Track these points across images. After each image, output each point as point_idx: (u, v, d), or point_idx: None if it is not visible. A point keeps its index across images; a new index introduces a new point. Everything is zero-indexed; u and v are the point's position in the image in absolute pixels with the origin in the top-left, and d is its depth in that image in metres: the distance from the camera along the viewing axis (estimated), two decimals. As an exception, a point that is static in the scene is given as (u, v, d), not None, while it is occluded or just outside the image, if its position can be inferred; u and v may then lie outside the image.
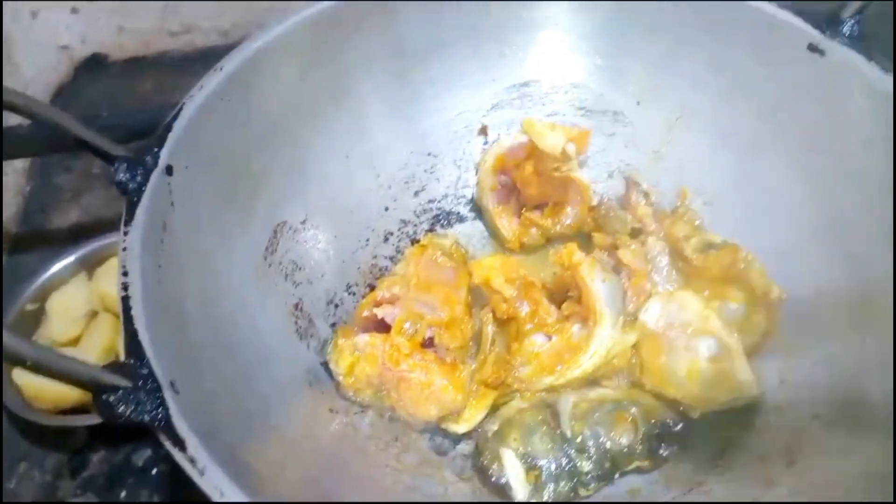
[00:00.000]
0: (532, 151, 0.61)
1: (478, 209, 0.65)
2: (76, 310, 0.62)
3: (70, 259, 0.64)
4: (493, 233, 0.64)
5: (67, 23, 0.89)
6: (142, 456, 0.58)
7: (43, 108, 0.45)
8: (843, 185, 0.53)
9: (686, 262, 0.57)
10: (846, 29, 0.53)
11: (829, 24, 0.53)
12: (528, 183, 0.62)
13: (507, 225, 0.63)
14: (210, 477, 0.35)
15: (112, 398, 0.36)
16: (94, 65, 0.93)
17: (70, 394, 0.56)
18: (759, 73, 0.57)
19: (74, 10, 0.88)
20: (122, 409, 0.36)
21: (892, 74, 0.50)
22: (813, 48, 0.53)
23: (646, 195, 0.60)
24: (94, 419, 0.56)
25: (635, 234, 0.59)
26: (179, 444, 0.36)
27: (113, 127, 0.69)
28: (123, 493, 0.56)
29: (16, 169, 0.77)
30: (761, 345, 0.54)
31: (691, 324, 0.54)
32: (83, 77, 0.91)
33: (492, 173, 0.63)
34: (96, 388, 0.36)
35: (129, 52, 0.94)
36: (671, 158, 0.62)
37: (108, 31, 0.91)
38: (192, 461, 0.36)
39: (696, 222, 0.60)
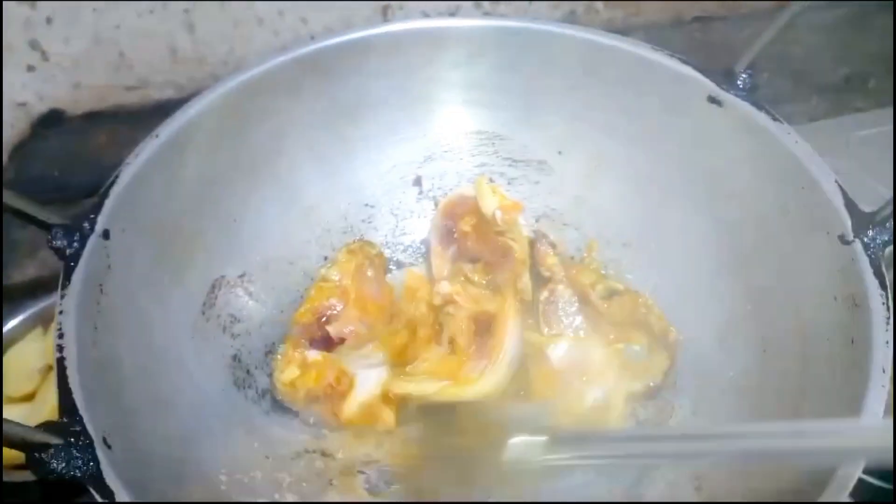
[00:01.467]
0: (476, 208, 0.64)
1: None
2: (31, 365, 0.63)
3: (25, 315, 0.66)
4: (427, 268, 0.67)
5: (24, 81, 0.91)
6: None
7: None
8: (742, 225, 0.57)
9: (592, 307, 0.61)
10: (740, 82, 0.57)
11: (725, 77, 0.57)
12: (466, 235, 0.64)
13: (439, 266, 0.65)
14: (134, 524, 0.38)
15: (45, 455, 0.39)
16: (51, 120, 0.95)
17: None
18: (667, 121, 0.61)
19: (31, 69, 0.91)
20: (53, 465, 0.39)
21: (782, 122, 0.55)
22: (712, 99, 0.58)
23: (553, 246, 0.63)
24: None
25: (545, 282, 0.63)
26: (109, 495, 0.39)
27: (65, 187, 0.73)
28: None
29: (-28, 226, 0.79)
30: (664, 384, 0.58)
31: (588, 372, 0.58)
32: (41, 133, 0.94)
33: (441, 215, 0.66)
34: (29, 447, 0.39)
35: (85, 107, 0.96)
36: (592, 203, 0.66)
37: (64, 87, 0.94)
38: (118, 509, 0.38)
39: (602, 271, 0.64)
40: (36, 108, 0.94)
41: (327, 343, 0.59)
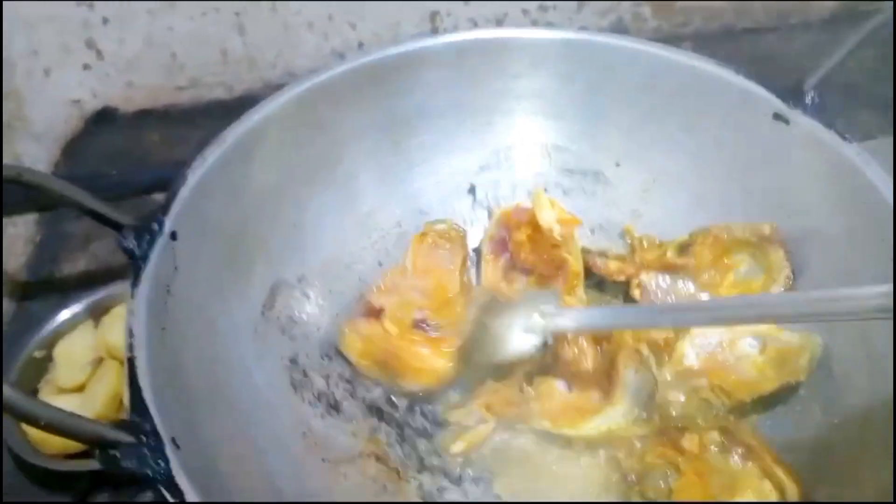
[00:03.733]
0: (533, 219, 0.64)
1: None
2: (82, 357, 0.64)
3: (77, 307, 0.67)
4: (478, 275, 0.66)
5: (79, 79, 0.93)
6: (144, 498, 0.60)
7: (51, 182, 0.48)
8: (806, 244, 0.56)
9: (682, 269, 0.61)
10: (808, 99, 0.56)
11: (792, 95, 0.57)
12: (520, 246, 0.64)
13: (491, 274, 0.65)
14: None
15: (117, 453, 0.39)
16: (103, 118, 0.96)
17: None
18: (728, 138, 0.61)
19: (86, 67, 0.93)
20: (126, 463, 0.39)
21: (850, 141, 0.54)
22: (778, 116, 0.57)
23: (603, 254, 0.63)
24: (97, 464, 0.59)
25: (625, 285, 0.63)
26: (179, 495, 0.39)
27: (121, 184, 0.74)
28: (128, 534, 0.58)
29: (26, 219, 0.80)
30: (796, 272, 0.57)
31: (721, 342, 0.57)
32: (93, 129, 0.95)
33: (496, 225, 0.66)
34: (101, 444, 0.39)
35: (137, 106, 0.98)
36: (648, 217, 0.66)
37: (117, 85, 0.95)
38: (190, 510, 0.38)
39: (657, 241, 0.63)
40: (89, 105, 0.96)
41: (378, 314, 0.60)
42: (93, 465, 0.58)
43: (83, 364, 0.64)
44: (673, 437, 0.53)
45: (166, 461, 0.40)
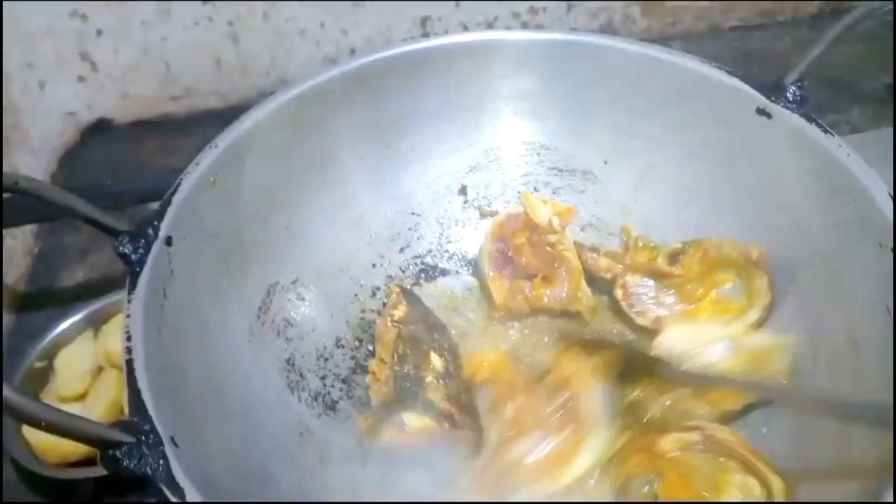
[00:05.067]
0: (528, 222, 0.64)
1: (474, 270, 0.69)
2: (82, 366, 0.65)
3: (77, 317, 0.68)
4: (486, 296, 0.66)
5: (74, 91, 0.94)
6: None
7: (47, 190, 0.49)
8: (792, 237, 0.57)
9: (667, 277, 0.61)
10: (790, 94, 0.57)
11: (774, 89, 0.58)
12: (520, 252, 0.64)
13: (498, 290, 0.65)
14: (205, 522, 0.39)
15: (118, 453, 0.40)
16: (99, 129, 0.98)
17: (78, 448, 0.58)
18: (715, 133, 0.61)
19: (81, 79, 0.94)
20: (126, 462, 0.40)
21: (832, 134, 0.55)
22: (761, 112, 0.58)
23: (594, 249, 0.64)
24: (100, 471, 0.58)
25: (611, 283, 0.64)
26: (179, 492, 0.40)
27: (117, 194, 0.75)
28: (133, 539, 0.59)
29: (24, 231, 0.81)
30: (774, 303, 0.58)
31: (692, 349, 0.56)
32: (89, 141, 0.97)
33: (491, 239, 0.66)
34: (103, 444, 0.40)
35: (132, 116, 0.99)
36: (638, 214, 0.67)
37: (112, 97, 0.97)
38: (188, 507, 0.39)
39: (651, 244, 0.64)
40: (85, 117, 0.97)
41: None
42: (95, 472, 0.59)
43: (83, 373, 0.65)
44: (650, 441, 0.53)
45: (166, 460, 0.41)
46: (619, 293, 0.63)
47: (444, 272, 0.68)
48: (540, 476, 0.52)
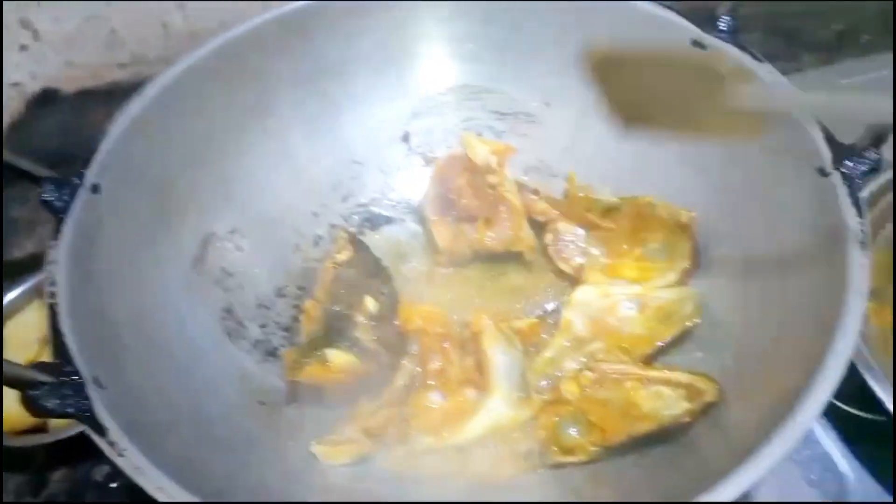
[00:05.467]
0: (468, 164, 0.64)
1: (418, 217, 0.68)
2: (30, 334, 0.66)
3: (24, 287, 0.68)
4: (430, 242, 0.66)
5: (17, 61, 0.92)
6: (101, 471, 0.61)
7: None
8: (727, 164, 0.58)
9: (598, 229, 0.62)
10: (723, 24, 0.57)
11: (707, 21, 0.58)
12: (462, 194, 0.64)
13: (441, 234, 0.65)
14: (129, 458, 0.39)
15: (38, 393, 0.40)
16: (45, 99, 0.96)
17: (27, 416, 0.59)
18: (651, 67, 0.61)
19: (23, 48, 0.92)
20: (45, 402, 0.40)
21: (764, 62, 0.55)
22: (696, 43, 0.58)
23: (535, 192, 0.64)
24: (50, 437, 0.59)
25: (543, 227, 0.64)
26: (101, 431, 0.40)
27: (61, 164, 0.73)
28: (85, 507, 0.59)
29: (-28, 207, 0.80)
30: (694, 269, 0.60)
31: (601, 308, 0.59)
32: (36, 112, 0.95)
33: (433, 183, 0.66)
34: (23, 385, 0.40)
35: (79, 85, 0.97)
36: (580, 153, 0.66)
37: (57, 65, 0.94)
38: (112, 444, 0.39)
39: (592, 196, 0.64)
40: (29, 88, 0.95)
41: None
42: (43, 439, 0.59)
43: (32, 342, 0.65)
44: (555, 394, 0.54)
45: (88, 399, 0.41)
46: (549, 237, 0.63)
47: (388, 220, 0.68)
48: (436, 430, 0.53)
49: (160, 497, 0.38)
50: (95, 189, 0.50)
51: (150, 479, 0.38)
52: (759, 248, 0.55)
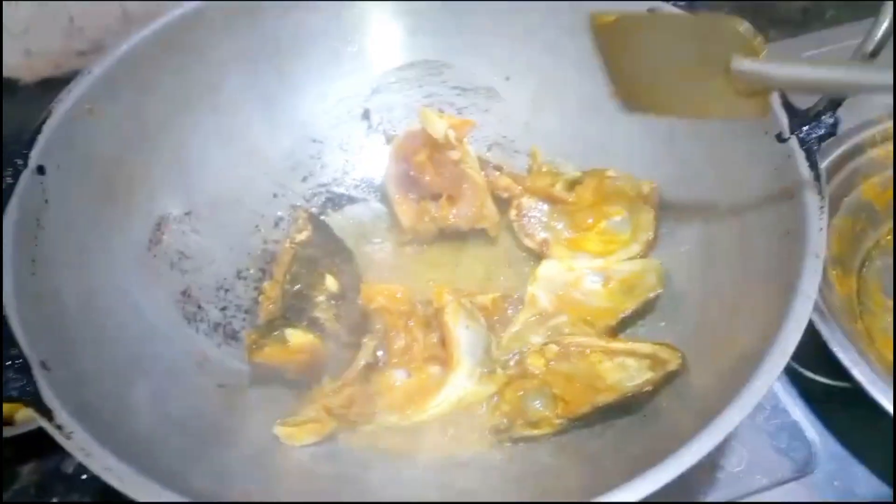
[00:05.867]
0: (427, 139, 0.63)
1: (381, 196, 0.67)
2: None
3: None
4: (394, 220, 0.66)
5: (-28, 50, 0.90)
6: (71, 463, 0.60)
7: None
8: (686, 135, 0.58)
9: (562, 203, 0.62)
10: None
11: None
12: (423, 171, 0.63)
13: (405, 212, 0.64)
14: (76, 440, 0.38)
15: (-20, 377, 0.39)
16: (5, 90, 0.94)
17: None
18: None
19: (-21, 38, 0.90)
20: (-11, 386, 0.39)
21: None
22: (651, 10, 0.57)
23: (498, 168, 0.64)
24: (17, 430, 0.58)
25: (507, 203, 0.63)
26: (47, 414, 0.39)
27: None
28: (55, 500, 0.58)
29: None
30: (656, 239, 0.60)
31: (566, 282, 0.59)
32: (-5, 103, 0.93)
33: (394, 161, 0.65)
34: (-35, 370, 0.39)
35: (39, 75, 0.95)
36: (541, 128, 0.66)
37: (15, 54, 0.92)
38: (60, 427, 0.38)
39: (555, 171, 0.64)
40: (-12, 79, 0.93)
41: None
42: (11, 431, 0.58)
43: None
44: (520, 368, 0.54)
45: (33, 383, 0.40)
46: (512, 213, 0.63)
47: (351, 200, 0.67)
48: (401, 408, 0.53)
49: (107, 477, 0.37)
50: (41, 170, 0.49)
51: (96, 459, 0.38)
52: (720, 216, 0.55)
